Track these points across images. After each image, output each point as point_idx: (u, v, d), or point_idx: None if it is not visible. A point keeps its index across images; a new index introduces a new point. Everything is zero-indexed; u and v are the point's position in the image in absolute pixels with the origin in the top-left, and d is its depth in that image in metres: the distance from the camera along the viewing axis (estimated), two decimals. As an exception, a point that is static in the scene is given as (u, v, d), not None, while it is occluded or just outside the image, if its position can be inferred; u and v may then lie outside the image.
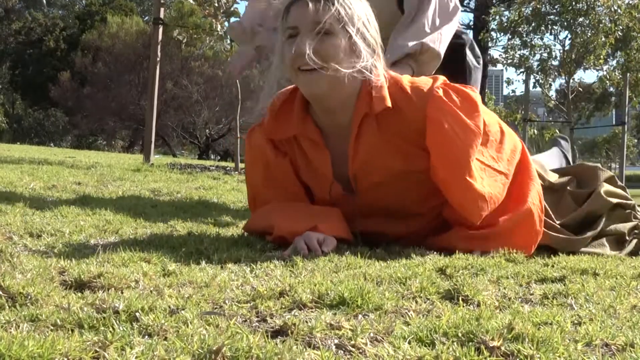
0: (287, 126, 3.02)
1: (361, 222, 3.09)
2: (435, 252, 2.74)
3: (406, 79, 2.96)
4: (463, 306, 1.92)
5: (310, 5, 2.81)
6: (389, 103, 2.86)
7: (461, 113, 2.83)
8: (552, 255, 2.95)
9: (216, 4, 7.93)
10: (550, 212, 3.25)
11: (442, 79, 2.94)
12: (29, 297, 1.78)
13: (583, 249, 3.20)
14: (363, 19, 2.87)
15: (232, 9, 8.12)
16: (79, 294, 1.87)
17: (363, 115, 2.88)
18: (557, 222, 3.25)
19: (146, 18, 44.98)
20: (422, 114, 2.84)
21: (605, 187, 3.41)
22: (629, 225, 3.37)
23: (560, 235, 3.18)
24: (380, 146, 2.92)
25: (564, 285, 2.23)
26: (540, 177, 3.32)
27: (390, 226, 3.11)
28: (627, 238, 3.32)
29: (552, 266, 2.61)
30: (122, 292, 1.89)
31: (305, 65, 2.78)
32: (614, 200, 3.38)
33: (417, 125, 2.85)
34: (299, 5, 2.86)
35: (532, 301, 2.06)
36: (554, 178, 3.46)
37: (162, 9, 8.67)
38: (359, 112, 2.88)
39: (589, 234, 3.24)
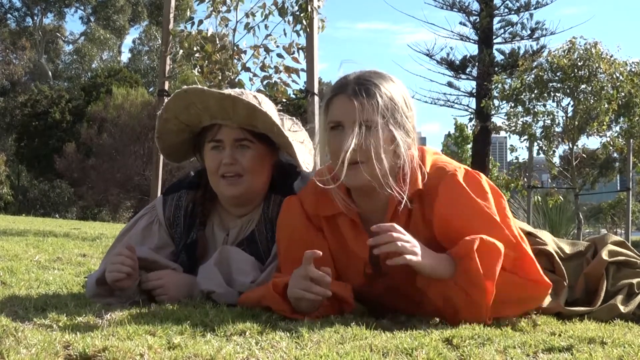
0: (330, 204, 3.04)
1: (384, 301, 3.09)
2: (441, 322, 2.72)
3: (430, 157, 3.01)
4: (470, 377, 1.91)
5: (353, 100, 2.86)
6: (420, 185, 2.93)
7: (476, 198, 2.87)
8: (560, 322, 2.93)
9: (220, 77, 8.00)
10: (565, 283, 3.26)
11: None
12: (34, 372, 1.77)
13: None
14: (403, 107, 2.93)
15: (236, 80, 8.17)
16: (84, 369, 1.86)
17: (397, 201, 2.92)
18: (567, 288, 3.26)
19: (151, 89, 45.38)
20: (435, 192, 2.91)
21: (610, 247, 3.42)
22: (636, 280, 3.36)
23: (573, 309, 3.18)
24: (410, 228, 2.93)
25: (572, 354, 2.21)
26: (560, 249, 3.40)
27: (407, 307, 3.06)
28: (637, 290, 3.31)
29: (560, 335, 2.59)
30: (127, 367, 1.88)
31: (349, 160, 2.83)
32: (620, 258, 3.38)
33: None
34: (340, 99, 2.92)
35: (539, 371, 2.04)
36: (568, 249, 3.47)
37: (166, 81, 8.74)
38: (394, 196, 2.92)
39: (598, 304, 3.24)
